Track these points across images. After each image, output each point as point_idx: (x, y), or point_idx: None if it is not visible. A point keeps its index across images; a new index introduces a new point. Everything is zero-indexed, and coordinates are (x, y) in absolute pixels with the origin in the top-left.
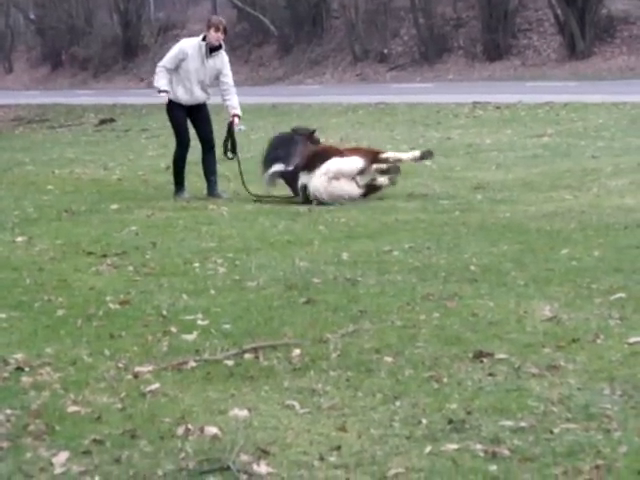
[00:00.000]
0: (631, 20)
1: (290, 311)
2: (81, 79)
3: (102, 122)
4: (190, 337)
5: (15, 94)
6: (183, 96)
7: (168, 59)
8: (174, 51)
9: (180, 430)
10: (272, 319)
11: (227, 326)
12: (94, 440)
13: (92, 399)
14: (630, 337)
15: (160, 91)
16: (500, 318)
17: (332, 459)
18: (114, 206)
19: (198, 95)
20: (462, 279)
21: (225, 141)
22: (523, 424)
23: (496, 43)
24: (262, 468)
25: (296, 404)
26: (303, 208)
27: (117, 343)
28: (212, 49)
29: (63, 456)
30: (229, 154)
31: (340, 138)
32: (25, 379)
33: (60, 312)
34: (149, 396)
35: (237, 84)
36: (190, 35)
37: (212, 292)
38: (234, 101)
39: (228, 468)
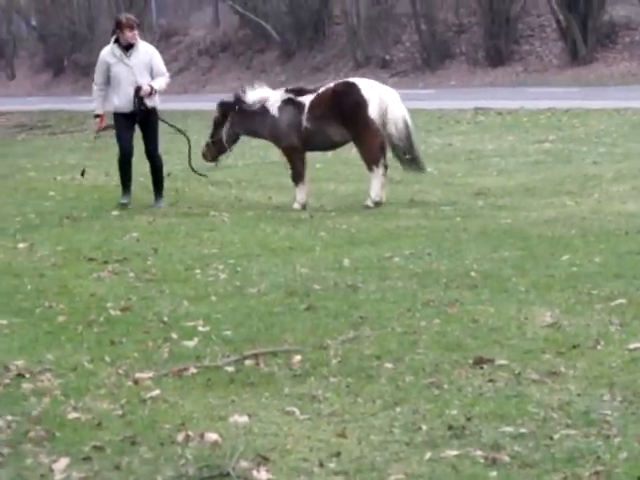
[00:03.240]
0: (633, 26)
1: (291, 317)
2: (83, 85)
3: (104, 128)
4: (191, 343)
5: (17, 100)
6: (120, 104)
7: (97, 75)
8: (98, 64)
9: (180, 436)
10: (273, 325)
11: (228, 332)
12: (94, 446)
13: (92, 405)
14: (630, 343)
15: (96, 116)
16: (501, 324)
17: (332, 465)
18: (115, 212)
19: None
20: (463, 285)
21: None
22: (523, 430)
23: (498, 49)
24: (262, 474)
25: (296, 410)
26: (305, 214)
27: (118, 349)
28: (129, 47)
29: (63, 462)
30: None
31: None
32: (26, 385)
33: (61, 318)
34: (149, 402)
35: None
36: (192, 42)
37: (213, 298)
38: (157, 81)
39: (228, 474)
